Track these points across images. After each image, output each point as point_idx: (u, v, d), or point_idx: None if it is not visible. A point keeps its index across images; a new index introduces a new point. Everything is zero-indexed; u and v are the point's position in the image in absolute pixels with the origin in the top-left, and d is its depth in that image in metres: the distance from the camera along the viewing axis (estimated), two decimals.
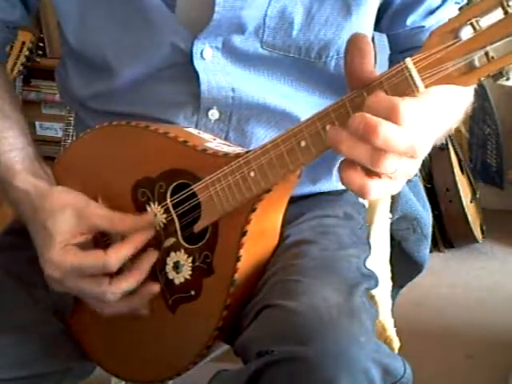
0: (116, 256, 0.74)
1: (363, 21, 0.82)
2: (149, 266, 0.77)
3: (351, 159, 0.60)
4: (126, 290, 0.76)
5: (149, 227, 0.77)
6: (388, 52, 0.95)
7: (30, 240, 0.80)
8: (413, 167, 0.62)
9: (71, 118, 1.88)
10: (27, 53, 2.01)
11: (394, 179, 0.61)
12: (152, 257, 0.78)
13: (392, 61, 0.93)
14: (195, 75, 0.81)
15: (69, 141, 1.88)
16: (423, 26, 0.87)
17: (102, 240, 0.80)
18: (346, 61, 0.61)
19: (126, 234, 0.76)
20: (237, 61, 0.82)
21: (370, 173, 0.60)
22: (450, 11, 0.86)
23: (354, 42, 0.60)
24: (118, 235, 0.78)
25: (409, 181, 1.08)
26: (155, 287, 0.78)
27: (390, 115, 0.57)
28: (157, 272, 0.78)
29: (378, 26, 0.89)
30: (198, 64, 0.81)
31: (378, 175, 0.60)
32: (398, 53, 0.91)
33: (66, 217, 0.75)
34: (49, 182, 0.82)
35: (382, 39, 0.95)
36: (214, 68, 0.81)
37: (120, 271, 0.76)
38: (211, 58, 0.81)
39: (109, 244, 0.78)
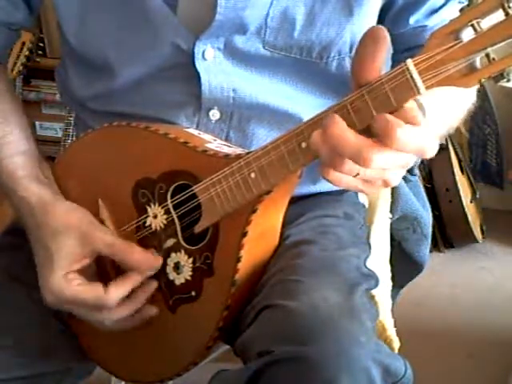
0: (116, 294, 0.75)
1: (365, 21, 0.82)
2: (146, 296, 0.78)
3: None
4: (124, 317, 0.77)
5: (154, 267, 0.78)
6: (391, 51, 0.95)
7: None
8: (407, 159, 0.61)
9: (71, 118, 1.88)
10: (27, 53, 2.00)
11: (389, 171, 0.62)
12: (151, 288, 0.78)
13: (395, 60, 0.93)
14: (196, 76, 0.81)
15: (69, 141, 1.87)
16: (426, 25, 0.87)
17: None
18: (357, 50, 0.59)
19: (128, 267, 0.77)
20: (238, 61, 0.82)
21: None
22: (453, 10, 0.86)
23: (371, 31, 0.59)
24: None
25: (409, 181, 1.09)
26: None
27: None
28: (157, 273, 0.78)
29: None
30: (200, 64, 0.81)
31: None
32: (400, 52, 0.91)
33: (69, 240, 0.75)
34: (51, 187, 0.82)
35: None
36: (215, 68, 0.81)
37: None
38: (213, 58, 0.81)
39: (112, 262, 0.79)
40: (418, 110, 0.59)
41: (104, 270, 0.80)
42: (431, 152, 0.60)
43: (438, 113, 0.69)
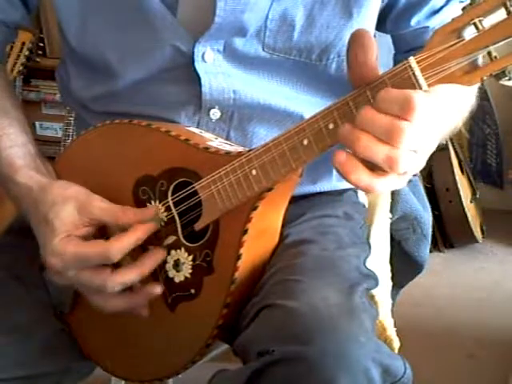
0: (118, 246, 0.73)
1: (364, 23, 0.82)
2: (154, 263, 0.76)
3: (360, 158, 0.60)
4: (127, 283, 0.74)
5: (151, 221, 0.76)
6: (393, 51, 0.95)
7: (31, 240, 0.80)
8: (419, 164, 0.62)
9: (71, 118, 1.88)
10: (27, 53, 2.00)
11: (402, 176, 0.62)
12: (159, 255, 0.76)
13: (397, 60, 0.93)
14: (197, 77, 0.81)
15: (69, 141, 1.87)
16: (427, 26, 0.87)
17: (101, 238, 0.79)
18: (348, 58, 0.60)
19: (127, 228, 0.75)
20: (238, 63, 0.82)
21: (376, 168, 0.60)
22: (454, 11, 0.86)
23: (357, 38, 0.60)
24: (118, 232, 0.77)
25: (409, 181, 1.09)
26: (157, 288, 0.77)
27: (405, 108, 0.57)
28: (157, 270, 0.78)
29: (382, 27, 0.89)
30: (200, 66, 0.81)
31: (384, 172, 0.60)
32: (402, 52, 0.91)
33: (67, 209, 0.75)
34: (50, 177, 0.82)
35: (386, 39, 0.94)
36: (215, 70, 0.81)
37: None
38: (212, 60, 0.81)
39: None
40: None
41: None
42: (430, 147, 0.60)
43: (444, 111, 0.69)
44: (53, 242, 0.74)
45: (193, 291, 0.77)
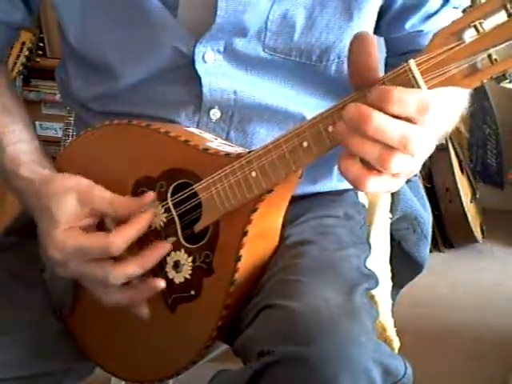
0: (120, 238, 0.72)
1: (364, 24, 0.82)
2: (157, 256, 0.75)
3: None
4: (130, 276, 0.74)
5: (151, 208, 0.75)
6: (384, 54, 0.95)
7: (31, 240, 0.80)
8: (414, 167, 0.62)
9: (71, 118, 1.88)
10: (27, 53, 2.01)
11: (395, 178, 0.61)
12: (162, 249, 0.75)
13: (388, 63, 0.93)
14: (197, 77, 0.81)
15: (69, 141, 1.87)
16: (422, 30, 0.87)
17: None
18: (349, 59, 0.60)
19: (128, 217, 0.74)
20: (238, 64, 0.82)
21: (370, 166, 0.60)
22: (448, 16, 0.86)
23: (359, 40, 0.60)
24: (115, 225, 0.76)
25: (409, 181, 1.09)
26: (160, 282, 0.75)
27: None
28: (157, 271, 0.78)
29: (376, 30, 0.89)
30: (200, 67, 0.81)
31: (378, 170, 0.60)
32: (395, 56, 0.91)
33: (69, 200, 0.74)
34: (53, 172, 0.81)
35: (380, 41, 0.94)
36: (215, 71, 0.81)
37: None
38: (213, 61, 0.81)
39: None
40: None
41: None
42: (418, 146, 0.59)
43: (439, 112, 0.69)
44: (54, 234, 0.73)
45: (193, 292, 0.77)
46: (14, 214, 0.93)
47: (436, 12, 0.87)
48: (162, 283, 0.75)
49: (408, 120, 0.58)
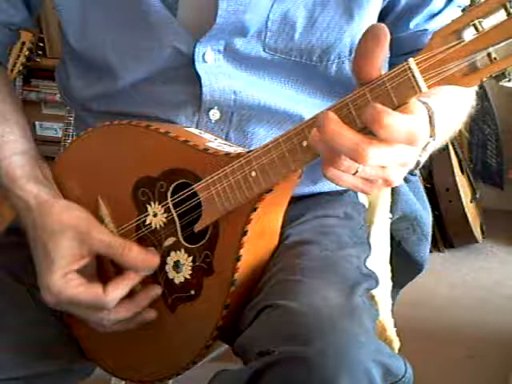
0: (114, 295, 0.75)
1: (365, 24, 0.82)
2: (148, 302, 0.78)
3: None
4: (123, 320, 0.77)
5: (152, 266, 0.77)
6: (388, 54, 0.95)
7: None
8: (406, 156, 0.61)
9: (71, 118, 1.88)
10: (27, 53, 2.01)
11: (388, 169, 0.61)
12: (154, 293, 0.78)
13: (392, 63, 0.93)
14: (197, 77, 0.81)
15: (69, 141, 1.88)
16: (426, 29, 0.87)
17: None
18: (358, 46, 0.59)
19: (126, 267, 0.77)
20: (238, 64, 0.82)
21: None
22: (452, 14, 0.86)
23: (373, 29, 0.59)
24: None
25: (409, 181, 1.09)
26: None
27: (373, 123, 0.58)
28: (157, 271, 0.78)
29: None
30: (200, 67, 0.81)
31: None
32: (399, 55, 0.91)
33: (66, 240, 0.75)
34: (49, 187, 0.82)
35: None
36: (215, 71, 0.81)
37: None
38: (213, 61, 0.81)
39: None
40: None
41: (104, 267, 0.80)
42: (423, 139, 0.60)
43: (444, 117, 0.69)
44: (50, 279, 0.75)
45: (193, 292, 0.77)
46: (14, 215, 0.93)
47: (440, 11, 0.87)
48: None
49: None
